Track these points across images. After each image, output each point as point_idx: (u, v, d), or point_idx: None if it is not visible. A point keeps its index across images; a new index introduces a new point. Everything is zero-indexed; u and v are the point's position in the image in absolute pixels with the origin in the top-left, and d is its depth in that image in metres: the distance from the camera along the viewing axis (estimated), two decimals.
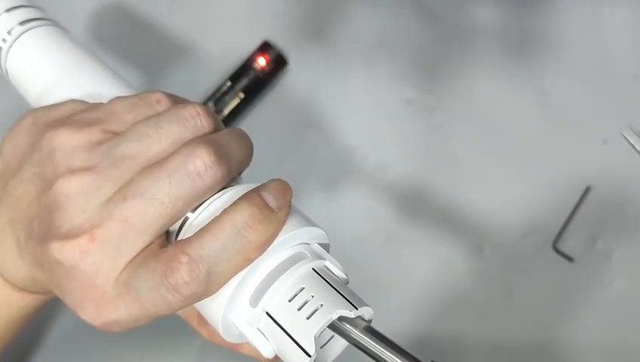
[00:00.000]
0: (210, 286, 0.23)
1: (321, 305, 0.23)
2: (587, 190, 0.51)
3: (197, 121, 0.26)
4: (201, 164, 0.24)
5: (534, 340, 0.50)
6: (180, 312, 0.28)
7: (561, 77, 0.56)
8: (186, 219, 0.25)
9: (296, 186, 0.52)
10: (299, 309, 0.23)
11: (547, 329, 0.50)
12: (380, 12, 0.57)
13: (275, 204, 0.24)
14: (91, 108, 0.27)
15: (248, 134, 0.31)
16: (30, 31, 0.31)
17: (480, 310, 0.50)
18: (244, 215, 0.23)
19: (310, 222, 0.25)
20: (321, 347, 0.25)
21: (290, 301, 0.23)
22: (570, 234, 0.51)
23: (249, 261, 0.23)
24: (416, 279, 0.51)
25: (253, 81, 0.52)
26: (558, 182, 0.53)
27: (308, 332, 0.22)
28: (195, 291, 0.22)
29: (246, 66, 0.52)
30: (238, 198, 0.24)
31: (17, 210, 0.25)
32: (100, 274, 0.23)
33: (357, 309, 0.23)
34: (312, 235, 0.25)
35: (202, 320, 0.30)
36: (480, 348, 0.49)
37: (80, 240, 0.23)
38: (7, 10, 0.31)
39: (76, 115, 0.26)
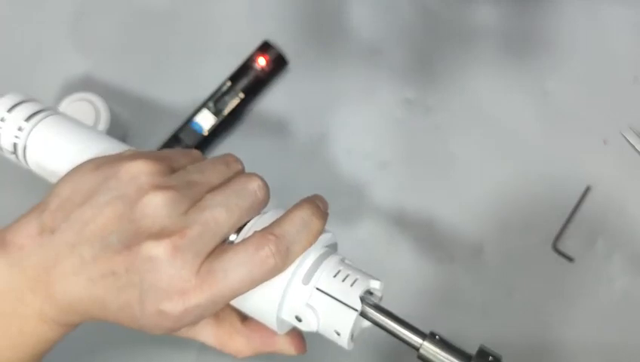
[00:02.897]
0: (287, 260, 0.30)
1: (357, 279, 0.31)
2: (587, 190, 0.51)
3: (237, 165, 0.34)
4: (257, 185, 0.32)
5: (534, 340, 0.50)
6: (187, 333, 0.34)
7: (561, 77, 0.56)
8: (228, 241, 0.31)
9: (296, 186, 0.52)
10: (342, 281, 0.31)
11: (547, 328, 0.50)
12: (380, 12, 0.57)
13: (323, 208, 0.33)
14: (151, 152, 0.33)
15: (249, 133, 0.41)
16: (38, 125, 0.36)
17: (480, 310, 0.50)
18: (308, 211, 0.31)
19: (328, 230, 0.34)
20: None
21: (334, 277, 0.31)
22: (570, 234, 0.51)
23: (310, 244, 0.31)
24: (416, 278, 0.51)
25: (254, 80, 0.52)
26: (558, 182, 0.53)
27: (353, 294, 0.30)
28: (277, 263, 0.29)
29: (246, 66, 0.52)
30: (300, 201, 0.32)
31: (82, 233, 0.29)
32: (185, 266, 0.28)
33: (381, 281, 0.32)
34: (330, 238, 0.34)
35: (214, 331, 0.34)
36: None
37: (173, 237, 0.28)
38: (9, 110, 0.36)
39: (144, 154, 0.32)
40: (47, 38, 0.55)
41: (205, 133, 0.50)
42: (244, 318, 0.34)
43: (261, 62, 0.52)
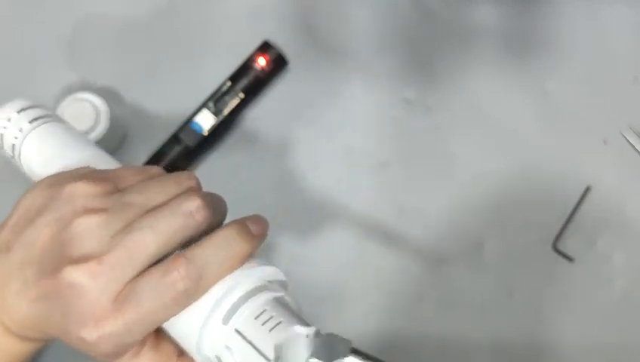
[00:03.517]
0: (199, 285, 0.28)
1: (279, 323, 0.28)
2: (587, 190, 0.51)
3: (189, 182, 0.32)
4: (193, 205, 0.30)
5: (534, 339, 0.50)
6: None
7: (561, 77, 0.56)
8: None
9: (295, 185, 0.53)
10: (262, 324, 0.28)
11: (546, 328, 0.50)
12: (380, 12, 0.57)
13: (254, 231, 0.31)
14: (103, 171, 0.33)
15: (249, 133, 0.39)
16: (36, 129, 0.37)
17: (480, 309, 0.50)
18: (232, 231, 0.30)
19: (271, 264, 0.31)
20: None
21: (255, 318, 0.28)
22: (570, 234, 0.51)
23: (230, 269, 0.29)
24: (415, 278, 0.51)
25: (254, 80, 0.52)
26: (558, 182, 0.53)
27: (269, 340, 0.27)
28: (188, 288, 0.28)
29: (246, 66, 0.52)
30: (229, 222, 0.31)
31: (29, 253, 0.29)
32: (104, 292, 0.27)
33: (310, 326, 0.28)
34: (272, 273, 0.31)
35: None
36: (480, 347, 0.49)
37: (90, 263, 0.27)
38: (19, 112, 0.38)
39: (90, 174, 0.32)
40: (48, 38, 0.55)
41: (205, 133, 0.51)
42: (181, 351, 0.31)
43: (261, 62, 0.52)
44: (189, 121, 0.51)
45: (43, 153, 0.37)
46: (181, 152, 0.50)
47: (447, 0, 0.57)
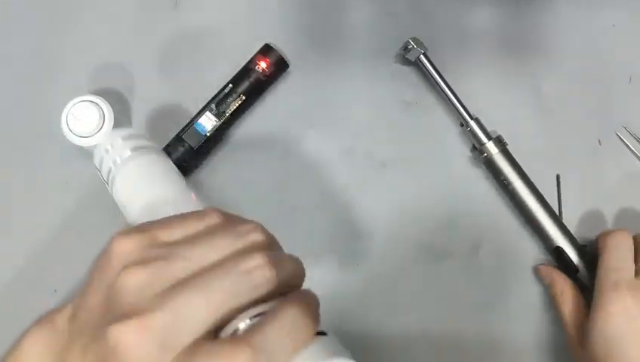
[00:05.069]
0: None
1: None
2: (558, 178, 0.52)
3: (252, 235, 0.28)
4: (253, 264, 0.26)
5: (533, 339, 0.51)
6: None
7: (557, 78, 0.56)
8: (237, 330, 0.25)
9: (296, 186, 0.53)
10: None
11: (546, 328, 0.51)
12: (379, 15, 0.57)
13: (315, 307, 0.27)
14: (151, 222, 0.28)
15: (250, 135, 0.34)
16: (134, 160, 0.37)
17: (478, 308, 0.51)
18: (299, 310, 0.25)
19: (348, 354, 0.27)
20: None
21: None
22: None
23: (296, 352, 0.25)
24: (414, 277, 0.51)
25: (255, 83, 0.52)
26: (554, 182, 0.54)
27: None
28: None
29: (247, 69, 0.53)
30: (289, 298, 0.26)
31: (87, 318, 0.26)
32: (149, 356, 0.23)
33: None
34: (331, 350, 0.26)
35: None
36: (478, 346, 0.50)
37: (133, 324, 0.23)
38: (124, 139, 0.38)
39: (135, 227, 0.28)
40: (49, 40, 0.56)
41: (207, 134, 0.51)
42: None
43: (262, 64, 0.53)
44: (192, 122, 0.51)
45: (130, 185, 0.37)
46: (184, 153, 0.51)
47: (444, 2, 0.58)
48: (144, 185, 0.37)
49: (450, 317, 0.50)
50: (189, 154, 0.51)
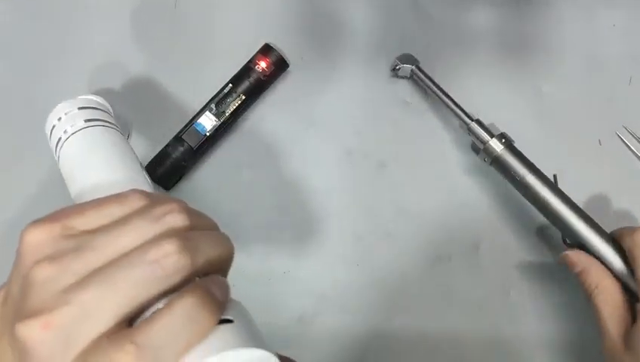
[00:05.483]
0: None
1: None
2: (555, 177, 0.51)
3: (168, 218, 0.26)
4: (162, 252, 0.24)
5: (532, 338, 0.51)
6: None
7: (557, 78, 0.56)
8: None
9: (296, 186, 0.53)
10: None
11: (545, 327, 0.51)
12: (380, 15, 0.57)
13: (220, 297, 0.25)
14: (69, 208, 0.27)
15: (250, 135, 0.30)
16: (83, 130, 0.35)
17: (477, 308, 0.51)
18: (194, 301, 0.24)
19: (256, 343, 0.24)
20: None
21: None
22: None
23: (191, 346, 0.23)
24: (414, 277, 0.51)
25: (255, 83, 0.53)
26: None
27: None
28: None
29: (247, 69, 0.53)
30: (185, 288, 0.24)
31: (6, 309, 0.26)
32: (53, 359, 0.23)
33: None
34: (237, 337, 0.25)
35: None
36: (477, 345, 0.50)
37: (36, 323, 0.23)
38: (80, 109, 0.36)
39: (49, 216, 0.27)
40: (49, 40, 0.56)
41: (207, 133, 0.51)
42: None
43: (262, 64, 0.53)
44: (191, 122, 0.52)
45: (76, 159, 0.34)
46: (184, 153, 0.51)
47: (444, 3, 0.58)
48: (90, 162, 0.34)
49: (450, 317, 0.50)
50: (188, 154, 0.51)
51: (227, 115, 0.52)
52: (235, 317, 0.25)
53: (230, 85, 0.52)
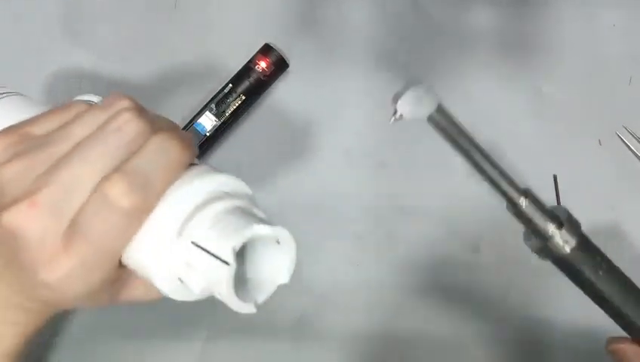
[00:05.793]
0: (148, 196, 0.26)
1: (238, 226, 0.26)
2: (555, 178, 0.51)
3: (119, 102, 0.29)
4: (121, 121, 0.27)
5: (532, 337, 0.51)
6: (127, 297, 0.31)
7: (557, 79, 0.56)
8: None
9: (296, 186, 0.53)
10: (219, 231, 0.26)
11: (545, 327, 0.51)
12: (380, 15, 0.57)
13: (184, 134, 0.29)
14: (19, 123, 0.30)
15: (250, 135, 0.37)
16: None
17: (477, 307, 0.51)
18: (165, 136, 0.27)
19: (227, 173, 0.29)
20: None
21: (211, 227, 0.26)
22: None
23: (172, 173, 0.27)
24: (413, 276, 0.51)
25: (254, 83, 0.53)
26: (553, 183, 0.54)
27: (226, 246, 0.25)
28: (134, 202, 0.26)
29: (247, 69, 0.53)
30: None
31: None
32: (46, 232, 0.26)
33: (270, 226, 0.27)
34: (226, 183, 0.29)
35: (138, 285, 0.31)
36: (477, 345, 0.50)
37: (21, 205, 0.26)
38: None
39: (4, 129, 0.29)
40: (49, 40, 0.56)
41: (207, 133, 0.51)
42: None
43: (262, 64, 0.53)
44: (191, 122, 0.52)
45: None
46: None
47: (444, 3, 0.58)
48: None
49: (451, 317, 0.50)
50: None
51: (227, 115, 0.52)
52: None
53: (230, 85, 0.52)
